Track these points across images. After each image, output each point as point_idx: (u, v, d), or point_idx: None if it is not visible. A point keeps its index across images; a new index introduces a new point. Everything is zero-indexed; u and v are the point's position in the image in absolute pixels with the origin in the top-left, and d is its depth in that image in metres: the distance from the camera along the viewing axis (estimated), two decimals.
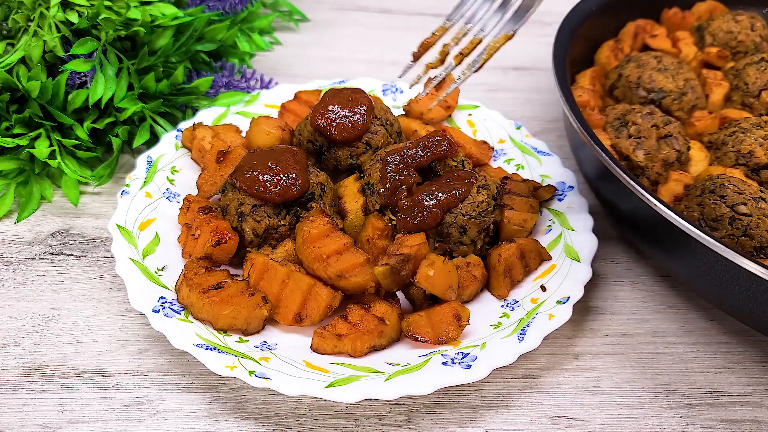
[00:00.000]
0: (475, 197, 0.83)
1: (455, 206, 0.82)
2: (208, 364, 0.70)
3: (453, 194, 0.81)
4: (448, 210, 0.82)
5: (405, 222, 0.81)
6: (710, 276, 0.77)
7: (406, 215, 0.81)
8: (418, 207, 0.81)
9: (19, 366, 0.77)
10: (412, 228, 0.81)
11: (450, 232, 0.82)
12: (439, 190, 0.82)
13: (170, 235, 0.86)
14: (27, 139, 0.94)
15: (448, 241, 0.83)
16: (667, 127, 0.94)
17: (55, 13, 0.96)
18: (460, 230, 0.82)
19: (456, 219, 0.82)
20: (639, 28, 1.16)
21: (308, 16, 1.40)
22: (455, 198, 0.81)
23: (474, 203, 0.82)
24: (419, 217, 0.81)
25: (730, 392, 0.80)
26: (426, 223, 0.81)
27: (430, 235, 0.83)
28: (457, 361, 0.73)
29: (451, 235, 0.82)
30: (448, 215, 0.82)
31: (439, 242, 0.83)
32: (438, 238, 0.83)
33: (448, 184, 0.82)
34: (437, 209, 0.81)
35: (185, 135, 0.98)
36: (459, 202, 0.82)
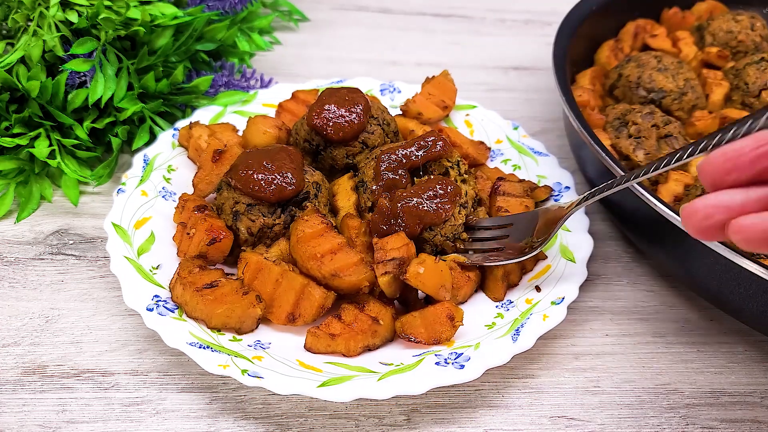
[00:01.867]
0: (456, 218, 0.82)
1: (436, 225, 0.81)
2: (201, 362, 0.70)
3: (437, 212, 0.80)
4: (429, 228, 0.81)
5: (378, 226, 0.80)
6: (710, 276, 0.77)
7: (381, 219, 0.80)
8: (399, 214, 0.79)
9: (18, 366, 0.77)
10: (384, 234, 0.80)
11: (423, 248, 0.82)
12: (423, 204, 0.80)
13: (166, 234, 0.86)
14: (27, 138, 0.94)
15: (419, 249, 0.82)
16: (667, 126, 0.94)
17: (55, 12, 0.96)
18: (434, 247, 0.82)
19: (434, 237, 0.81)
20: (639, 27, 1.16)
21: (308, 15, 1.40)
22: (438, 218, 0.80)
23: (454, 225, 0.82)
24: (397, 224, 0.79)
25: (730, 392, 0.80)
26: (404, 232, 0.80)
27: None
28: (450, 361, 0.73)
29: (423, 249, 0.82)
30: (427, 232, 0.81)
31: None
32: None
33: (434, 198, 0.80)
34: (417, 225, 0.80)
35: (182, 134, 0.98)
36: (441, 222, 0.81)
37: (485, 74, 1.28)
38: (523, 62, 1.32)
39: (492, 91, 1.24)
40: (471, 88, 1.21)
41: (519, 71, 1.30)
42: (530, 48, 1.35)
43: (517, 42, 1.38)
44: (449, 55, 1.33)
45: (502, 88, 1.26)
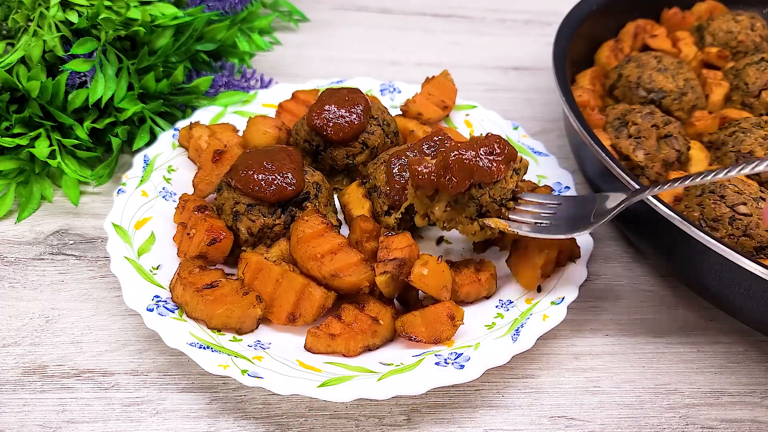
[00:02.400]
0: (508, 181, 0.78)
1: (488, 184, 0.76)
2: (202, 362, 0.71)
3: (490, 170, 0.74)
4: (478, 185, 0.76)
5: (426, 177, 0.75)
6: (710, 276, 0.77)
7: (431, 171, 0.75)
8: (450, 167, 0.74)
9: (19, 366, 0.77)
10: (433, 185, 0.75)
11: (469, 205, 0.78)
12: (479, 158, 0.74)
13: (166, 234, 0.86)
14: (27, 138, 0.94)
15: (461, 212, 0.78)
16: (667, 127, 0.94)
17: (55, 12, 0.96)
18: (479, 208, 0.78)
19: (482, 197, 0.77)
20: (639, 28, 1.16)
21: (308, 16, 1.40)
22: (490, 175, 0.75)
23: (505, 188, 0.77)
24: (447, 178, 0.74)
25: (730, 392, 0.80)
26: (450, 187, 0.75)
27: (443, 198, 0.78)
28: (450, 361, 0.73)
29: (468, 208, 0.78)
30: (476, 189, 0.77)
31: (450, 207, 0.78)
32: (453, 203, 0.78)
33: (489, 155, 0.75)
34: (467, 180, 0.75)
35: (182, 134, 0.98)
36: (492, 182, 0.76)
37: (485, 74, 1.28)
38: (523, 62, 1.32)
39: (492, 91, 1.24)
40: (471, 88, 1.21)
41: (519, 71, 1.30)
42: (530, 48, 1.35)
43: (517, 42, 1.39)
44: (449, 55, 1.33)
45: (502, 88, 1.26)
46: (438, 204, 0.79)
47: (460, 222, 0.79)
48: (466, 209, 0.78)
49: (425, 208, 0.80)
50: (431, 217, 0.80)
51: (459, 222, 0.79)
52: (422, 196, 0.79)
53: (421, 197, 0.80)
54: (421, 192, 0.79)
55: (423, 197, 0.80)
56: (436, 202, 0.79)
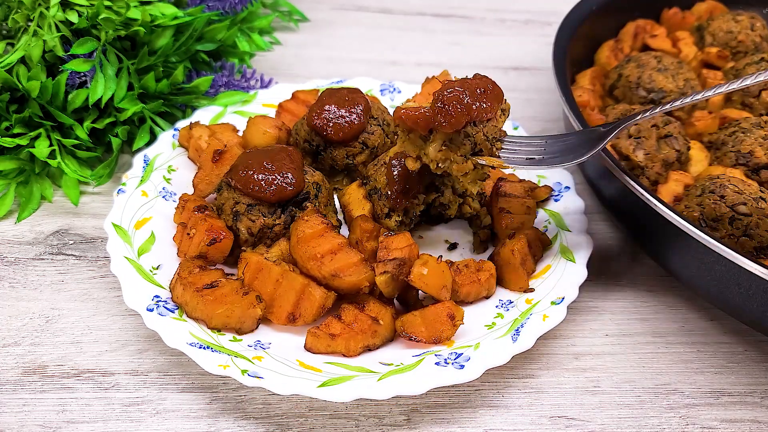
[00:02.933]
0: (498, 120, 0.78)
1: (482, 122, 0.76)
2: (202, 362, 0.71)
3: (485, 109, 0.75)
4: (473, 122, 0.75)
5: (422, 116, 0.74)
6: (710, 276, 0.77)
7: (425, 111, 0.74)
8: (450, 102, 0.73)
9: (19, 366, 0.77)
10: (429, 124, 0.74)
11: (464, 143, 0.76)
12: (475, 99, 0.75)
13: (166, 234, 0.86)
14: (27, 138, 0.94)
15: (455, 151, 0.76)
16: (667, 127, 0.94)
17: (55, 12, 0.96)
18: (473, 146, 0.77)
19: (477, 134, 0.76)
20: (639, 28, 1.16)
21: (308, 16, 1.40)
22: (484, 112, 0.75)
23: (496, 127, 0.78)
24: (445, 116, 0.73)
25: (730, 392, 0.80)
26: (449, 124, 0.74)
27: (438, 137, 0.76)
28: (450, 361, 0.73)
29: (463, 146, 0.76)
30: (471, 127, 0.76)
31: (446, 146, 0.76)
32: (448, 142, 0.76)
33: (482, 96, 0.75)
34: (466, 116, 0.74)
35: (182, 134, 0.98)
36: (485, 119, 0.76)
37: (485, 74, 1.28)
38: (523, 62, 1.32)
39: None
40: None
41: (519, 71, 1.30)
42: (530, 48, 1.35)
43: (517, 42, 1.39)
44: (449, 55, 1.33)
45: (502, 88, 1.26)
46: (433, 144, 0.76)
47: (454, 161, 0.77)
48: (461, 148, 0.76)
49: (418, 151, 0.78)
50: (424, 159, 0.78)
51: (454, 161, 0.77)
52: (415, 138, 0.77)
53: (414, 139, 0.77)
54: (414, 134, 0.77)
55: (416, 139, 0.77)
56: (431, 143, 0.76)
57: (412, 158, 0.79)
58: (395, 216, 0.85)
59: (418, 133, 0.77)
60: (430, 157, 0.77)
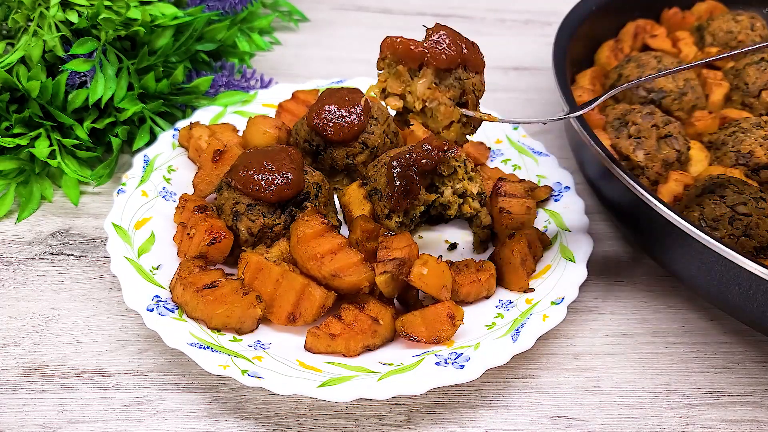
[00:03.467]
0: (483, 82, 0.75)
1: (471, 71, 0.73)
2: (202, 363, 0.71)
3: (477, 57, 0.73)
4: (464, 67, 0.72)
5: (415, 46, 0.70)
6: (710, 276, 0.77)
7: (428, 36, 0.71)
8: (445, 38, 0.71)
9: (19, 366, 0.77)
10: (422, 56, 0.70)
11: (454, 86, 0.72)
12: (468, 45, 0.73)
13: (166, 234, 0.86)
14: (27, 138, 0.94)
15: (444, 92, 0.72)
16: (667, 127, 0.94)
17: (55, 12, 0.96)
18: (462, 93, 0.73)
19: (467, 81, 0.73)
20: (639, 28, 1.16)
21: (308, 16, 1.40)
22: (477, 64, 0.73)
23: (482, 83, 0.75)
24: (444, 44, 0.70)
25: (730, 392, 0.80)
26: (445, 57, 0.70)
27: (429, 72, 0.71)
28: (450, 361, 0.73)
29: (453, 89, 0.72)
30: (463, 71, 0.73)
31: (435, 85, 0.72)
32: (438, 81, 0.72)
33: (472, 46, 0.73)
34: (460, 55, 0.71)
35: (182, 134, 0.98)
36: (475, 72, 0.73)
37: (485, 74, 1.28)
38: (523, 62, 1.32)
39: (492, 91, 1.24)
40: None
41: (519, 71, 1.30)
42: (530, 48, 1.35)
43: (517, 42, 1.38)
44: None
45: (502, 88, 1.26)
46: (422, 79, 0.71)
47: (442, 103, 0.71)
48: (451, 90, 0.72)
49: (403, 87, 0.72)
50: (408, 98, 0.72)
51: (441, 103, 0.71)
52: (402, 72, 0.71)
53: (401, 73, 0.71)
54: (402, 68, 0.71)
55: (403, 73, 0.71)
56: (419, 78, 0.71)
57: (396, 96, 0.73)
58: (395, 217, 0.85)
59: (406, 67, 0.71)
60: (417, 94, 0.71)
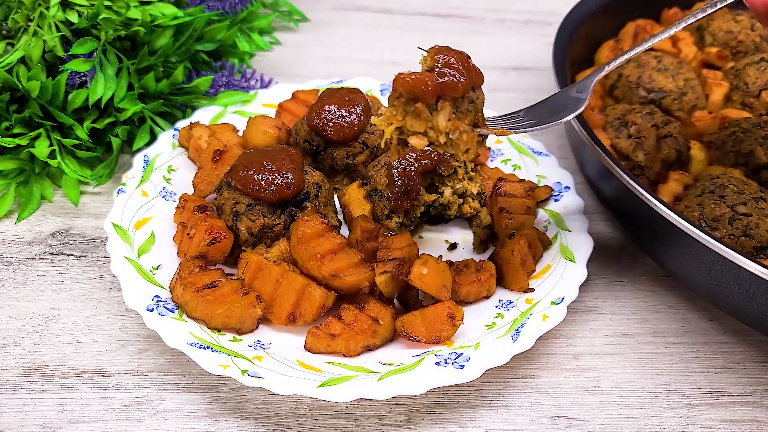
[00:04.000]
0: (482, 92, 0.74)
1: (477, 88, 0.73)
2: (202, 362, 0.71)
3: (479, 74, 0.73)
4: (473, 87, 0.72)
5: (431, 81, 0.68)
6: (710, 276, 0.77)
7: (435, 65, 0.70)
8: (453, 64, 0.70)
9: (19, 366, 0.77)
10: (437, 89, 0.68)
11: (470, 110, 0.72)
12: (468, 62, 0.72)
13: (166, 234, 0.86)
14: (27, 138, 0.94)
15: (463, 120, 0.71)
16: (667, 127, 0.94)
17: (55, 12, 0.96)
18: (476, 113, 0.72)
19: (477, 100, 0.73)
20: (639, 28, 1.16)
21: (308, 16, 1.40)
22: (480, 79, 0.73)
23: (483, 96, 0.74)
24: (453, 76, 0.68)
25: (730, 392, 0.80)
26: (460, 85, 0.69)
27: (447, 104, 0.70)
28: (450, 361, 0.73)
29: (469, 114, 0.72)
30: (473, 92, 0.72)
31: (454, 115, 0.70)
32: (456, 110, 0.71)
33: (468, 61, 0.73)
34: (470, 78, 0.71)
35: (182, 134, 0.98)
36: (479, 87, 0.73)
37: (485, 74, 1.28)
38: (523, 62, 1.32)
39: (492, 91, 1.24)
40: None
41: (519, 71, 1.30)
42: (530, 48, 1.35)
43: (517, 42, 1.38)
44: None
45: (502, 88, 1.26)
46: (442, 112, 0.69)
47: (464, 131, 0.70)
48: (468, 115, 0.71)
49: (424, 125, 0.70)
50: (430, 134, 0.70)
51: (463, 131, 0.70)
52: (422, 110, 0.69)
53: (420, 111, 0.69)
54: (420, 105, 0.69)
55: (423, 110, 0.69)
56: (439, 111, 0.69)
57: (419, 134, 0.70)
58: (395, 217, 0.85)
59: (424, 103, 0.69)
60: (439, 128, 0.70)
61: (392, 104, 0.71)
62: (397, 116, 0.70)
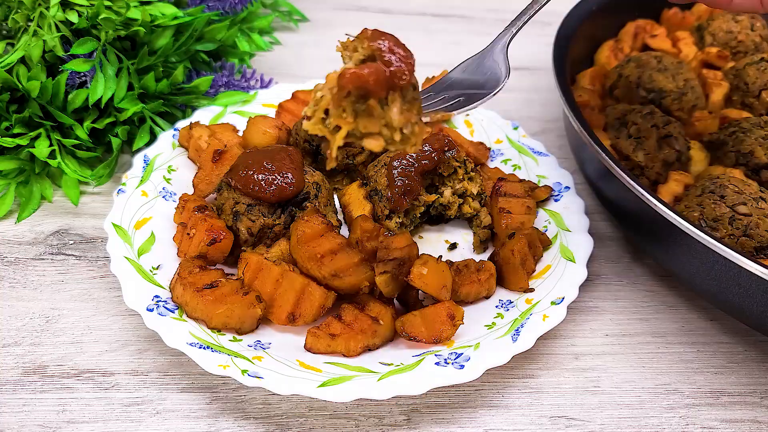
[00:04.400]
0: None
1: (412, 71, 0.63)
2: (202, 362, 0.71)
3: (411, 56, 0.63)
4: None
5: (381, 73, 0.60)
6: (710, 276, 0.77)
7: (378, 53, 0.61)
8: (395, 49, 0.62)
9: (19, 366, 0.77)
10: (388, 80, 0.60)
11: (416, 98, 0.63)
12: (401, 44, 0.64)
13: (166, 234, 0.86)
14: (27, 138, 0.94)
15: (412, 110, 0.63)
16: (667, 127, 0.94)
17: (55, 12, 0.96)
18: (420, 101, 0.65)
19: (416, 83, 0.63)
20: (639, 28, 1.16)
21: (308, 16, 1.40)
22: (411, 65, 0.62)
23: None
24: (398, 65, 0.60)
25: (730, 392, 0.80)
26: (407, 72, 0.61)
27: (398, 95, 0.62)
28: (450, 361, 0.73)
29: (416, 102, 0.63)
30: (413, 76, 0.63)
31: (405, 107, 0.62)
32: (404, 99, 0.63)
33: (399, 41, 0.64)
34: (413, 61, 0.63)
35: (182, 134, 0.98)
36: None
37: None
38: (523, 62, 1.32)
39: None
40: None
41: (519, 71, 1.30)
42: (530, 48, 1.35)
43: (517, 42, 1.38)
44: (449, 56, 1.33)
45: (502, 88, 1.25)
46: (395, 104, 0.60)
47: (416, 123, 0.62)
48: (415, 104, 0.62)
49: (378, 124, 0.61)
50: (385, 131, 0.61)
51: (415, 123, 0.62)
52: (375, 106, 0.60)
53: (374, 107, 0.60)
54: (374, 100, 0.60)
55: (375, 107, 0.60)
56: (390, 106, 0.60)
57: (375, 135, 0.61)
58: (396, 217, 0.85)
59: (376, 98, 0.60)
60: (394, 124, 0.61)
61: (339, 105, 0.60)
62: (347, 118, 0.60)
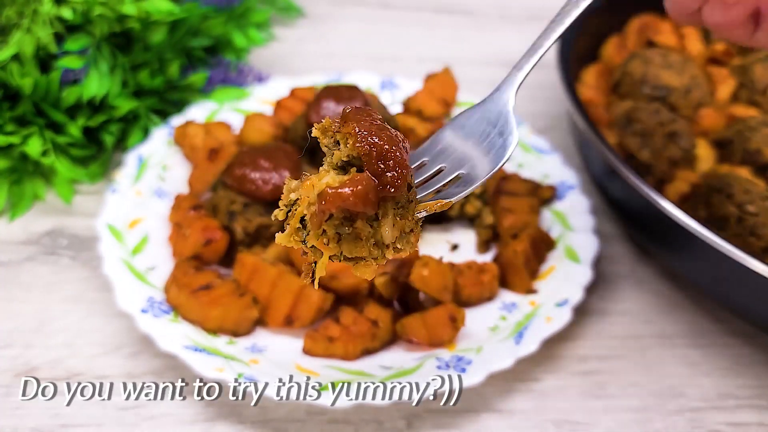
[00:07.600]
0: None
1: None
2: (196, 366, 0.69)
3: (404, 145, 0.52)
4: None
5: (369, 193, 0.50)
6: (717, 277, 0.76)
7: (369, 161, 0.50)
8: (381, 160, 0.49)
9: (11, 369, 0.76)
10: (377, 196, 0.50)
11: (411, 201, 0.54)
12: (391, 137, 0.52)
13: (160, 234, 0.84)
14: (20, 137, 0.93)
15: (408, 217, 0.54)
16: (672, 124, 0.92)
17: (49, 8, 0.94)
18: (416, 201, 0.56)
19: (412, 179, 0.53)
20: (644, 24, 1.14)
21: (305, 11, 1.38)
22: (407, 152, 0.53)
23: None
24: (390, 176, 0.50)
25: (737, 395, 0.78)
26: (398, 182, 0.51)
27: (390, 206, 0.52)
28: (452, 365, 0.72)
29: (410, 205, 0.54)
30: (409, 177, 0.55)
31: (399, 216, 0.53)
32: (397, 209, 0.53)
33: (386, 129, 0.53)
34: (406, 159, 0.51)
35: (177, 132, 0.96)
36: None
37: (487, 70, 1.26)
38: None
39: (494, 87, 1.22)
40: (473, 84, 1.18)
41: None
42: None
43: (519, 38, 1.36)
44: (451, 51, 1.31)
45: None
46: (386, 220, 0.51)
47: (412, 230, 0.54)
48: (409, 208, 0.53)
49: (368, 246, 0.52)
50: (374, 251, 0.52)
51: (411, 231, 0.54)
52: (363, 227, 0.51)
53: (362, 228, 0.51)
54: (361, 221, 0.51)
55: (364, 227, 0.51)
56: (382, 221, 0.51)
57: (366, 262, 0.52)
58: None
59: (364, 219, 0.51)
60: (387, 239, 0.52)
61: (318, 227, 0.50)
62: (330, 245, 0.51)
